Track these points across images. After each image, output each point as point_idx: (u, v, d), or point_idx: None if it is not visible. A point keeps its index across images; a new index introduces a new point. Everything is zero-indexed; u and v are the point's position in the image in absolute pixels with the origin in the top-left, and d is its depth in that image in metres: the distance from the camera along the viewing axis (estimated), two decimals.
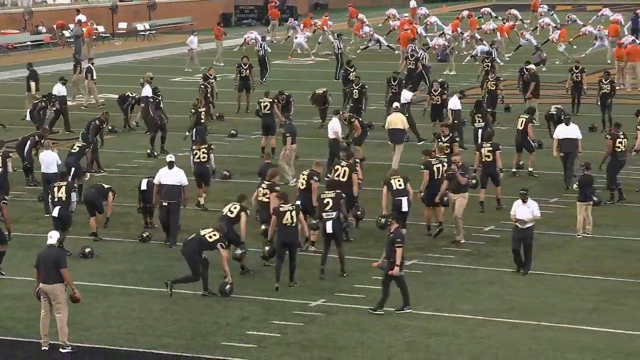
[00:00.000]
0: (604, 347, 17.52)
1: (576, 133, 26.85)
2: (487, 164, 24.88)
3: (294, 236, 20.32)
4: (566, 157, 26.83)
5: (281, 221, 20.17)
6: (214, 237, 19.71)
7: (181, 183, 23.07)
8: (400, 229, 19.36)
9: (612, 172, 25.89)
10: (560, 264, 21.61)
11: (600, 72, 41.50)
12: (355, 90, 33.83)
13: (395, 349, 17.53)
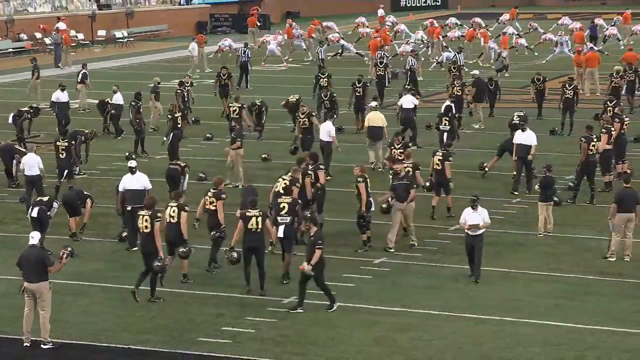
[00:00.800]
0: (564, 341, 17.61)
1: (530, 139, 26.63)
2: (437, 171, 24.46)
3: (259, 241, 19.78)
4: (521, 163, 26.60)
5: (247, 226, 19.73)
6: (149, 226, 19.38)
7: (145, 188, 22.77)
8: (319, 232, 19.23)
9: (581, 173, 25.94)
10: (522, 262, 21.69)
11: (561, 78, 41.86)
12: (326, 101, 33.82)
13: (364, 344, 17.55)
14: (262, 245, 19.87)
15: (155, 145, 30.96)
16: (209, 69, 49.19)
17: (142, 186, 22.73)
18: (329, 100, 33.70)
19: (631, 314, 18.81)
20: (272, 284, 20.28)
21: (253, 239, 19.73)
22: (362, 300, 19.59)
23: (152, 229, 19.32)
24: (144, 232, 19.48)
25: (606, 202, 24.38)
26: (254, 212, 19.80)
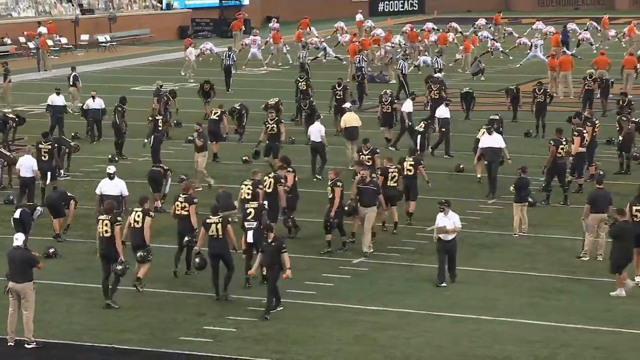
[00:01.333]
0: (539, 339, 17.66)
1: (498, 142, 26.53)
2: (407, 177, 24.20)
3: (222, 247, 19.44)
4: (490, 166, 26.50)
5: (208, 233, 19.48)
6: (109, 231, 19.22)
7: (122, 194, 22.58)
8: (279, 237, 19.07)
9: (551, 175, 26.02)
10: (498, 262, 21.73)
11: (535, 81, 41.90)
12: (306, 110, 33.79)
13: (344, 343, 17.56)
14: (226, 250, 19.50)
15: (137, 147, 30.87)
16: (192, 73, 49.05)
17: (119, 192, 22.55)
18: (308, 108, 33.69)
19: (603, 312, 18.88)
20: (252, 283, 20.25)
21: (215, 245, 19.45)
22: (341, 300, 19.59)
23: (113, 233, 19.08)
24: (105, 237, 19.19)
25: (579, 203, 24.48)
26: (214, 219, 19.47)
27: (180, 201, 21.02)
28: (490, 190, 26.46)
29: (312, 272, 21.13)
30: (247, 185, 22.22)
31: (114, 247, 19.12)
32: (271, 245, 18.67)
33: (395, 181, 23.58)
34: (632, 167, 28.83)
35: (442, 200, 20.74)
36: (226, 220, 19.67)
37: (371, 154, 25.18)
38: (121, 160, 31.39)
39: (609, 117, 35.52)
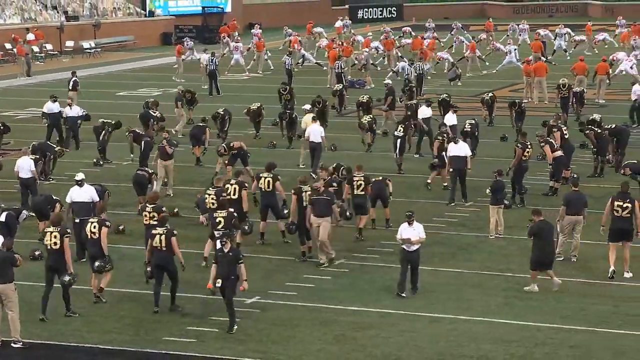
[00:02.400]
0: (514, 338, 17.69)
1: (465, 150, 26.29)
2: (377, 182, 24.12)
3: (166, 259, 18.76)
4: (455, 174, 26.19)
5: (152, 244, 18.84)
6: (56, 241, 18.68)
7: (92, 200, 22.01)
8: (235, 247, 18.42)
9: (519, 177, 26.12)
10: (475, 262, 21.76)
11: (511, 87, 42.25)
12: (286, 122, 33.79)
13: (324, 342, 17.55)
14: (169, 263, 18.83)
15: (122, 151, 30.80)
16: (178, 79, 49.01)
17: (89, 198, 22.06)
18: (288, 122, 33.61)
19: (577, 312, 18.93)
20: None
21: (159, 257, 18.80)
22: (321, 300, 19.59)
23: (62, 245, 18.44)
24: (53, 249, 18.44)
25: (553, 205, 24.57)
26: (159, 230, 18.86)
27: (148, 211, 20.69)
28: (462, 197, 26.23)
29: (293, 273, 21.12)
30: (211, 194, 21.90)
31: (62, 258, 18.49)
32: (228, 255, 17.89)
33: (363, 190, 23.15)
34: (605, 171, 28.91)
35: (408, 212, 20.20)
36: (171, 232, 18.85)
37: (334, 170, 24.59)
38: (105, 164, 31.38)
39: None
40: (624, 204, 20.66)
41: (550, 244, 20.07)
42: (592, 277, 20.85)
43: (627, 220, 20.64)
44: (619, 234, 20.67)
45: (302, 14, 72.53)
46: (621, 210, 20.64)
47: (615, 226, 20.68)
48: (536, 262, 19.91)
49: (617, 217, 20.65)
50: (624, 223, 20.65)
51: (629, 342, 17.47)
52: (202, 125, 31.35)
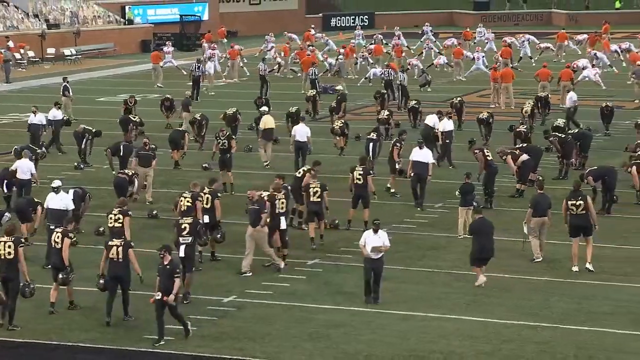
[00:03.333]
0: (482, 334, 17.77)
1: (427, 157, 26.15)
2: (358, 186, 24.09)
3: (121, 270, 18.26)
4: (417, 179, 26.02)
5: (109, 255, 18.35)
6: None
7: (67, 207, 21.74)
8: (174, 260, 17.81)
9: (491, 180, 26.23)
10: (444, 262, 21.83)
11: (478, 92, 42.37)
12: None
13: (299, 339, 17.57)
14: (125, 274, 18.33)
15: (103, 155, 30.70)
16: (161, 85, 48.93)
17: (64, 206, 21.78)
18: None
19: (542, 309, 19.04)
20: (211, 285, 20.22)
21: (114, 267, 18.29)
22: (296, 299, 19.61)
23: (16, 255, 17.98)
24: (7, 259, 17.94)
25: (518, 207, 24.73)
26: (116, 242, 18.46)
27: (114, 213, 20.49)
28: (419, 203, 26.04)
29: (269, 273, 21.13)
30: (187, 197, 21.66)
31: (15, 269, 18.01)
32: (166, 269, 17.46)
33: (319, 196, 22.73)
34: (569, 173, 29.06)
35: (375, 221, 19.53)
36: (128, 244, 18.43)
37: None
38: (86, 167, 31.31)
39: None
40: (577, 201, 21.13)
41: (489, 241, 20.28)
42: (556, 275, 20.97)
43: (583, 216, 21.08)
44: (577, 229, 21.11)
45: (278, 22, 72.55)
46: (576, 208, 21.10)
47: (574, 223, 21.14)
48: (475, 258, 20.26)
49: (573, 215, 21.14)
50: (581, 220, 21.09)
51: (591, 338, 17.59)
52: (181, 130, 31.37)
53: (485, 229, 20.35)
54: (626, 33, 63.61)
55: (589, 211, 21.13)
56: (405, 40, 58.66)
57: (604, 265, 21.48)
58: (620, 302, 19.29)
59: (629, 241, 23.35)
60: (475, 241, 20.31)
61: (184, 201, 21.62)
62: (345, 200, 25.10)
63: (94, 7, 67.45)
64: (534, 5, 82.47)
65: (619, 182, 25.99)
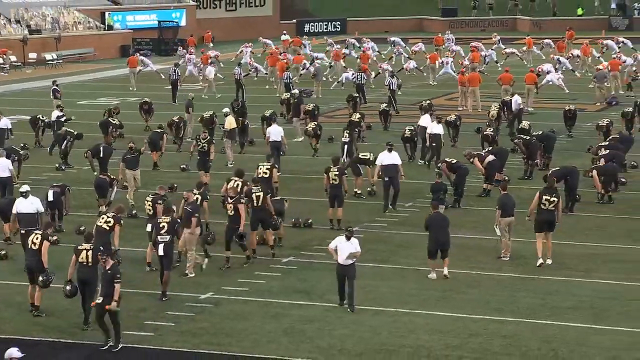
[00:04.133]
0: (450, 329, 17.81)
1: (396, 160, 25.96)
2: (334, 186, 24.08)
3: (90, 275, 17.77)
4: (390, 182, 25.75)
5: (78, 259, 17.82)
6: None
7: (37, 211, 21.26)
8: (116, 265, 17.20)
9: (462, 180, 26.30)
10: (414, 259, 21.83)
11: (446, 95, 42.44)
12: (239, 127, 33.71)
13: (274, 334, 17.55)
14: (93, 278, 17.84)
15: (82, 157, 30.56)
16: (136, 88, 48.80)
17: (34, 209, 21.29)
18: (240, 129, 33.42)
19: (508, 304, 19.10)
20: (188, 282, 20.17)
21: (84, 271, 17.81)
22: (272, 296, 19.59)
23: None
24: None
25: (485, 206, 24.81)
26: (85, 246, 17.91)
27: (107, 215, 20.26)
28: (392, 203, 25.86)
29: (245, 271, 21.10)
30: (148, 201, 21.57)
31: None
32: (107, 273, 17.00)
33: (262, 202, 21.94)
34: (534, 174, 29.18)
35: (348, 228, 19.13)
36: (97, 249, 17.90)
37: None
38: (68, 169, 31.19)
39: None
40: (551, 197, 21.40)
41: (443, 234, 20.45)
42: (522, 272, 21.04)
43: (551, 212, 21.42)
44: (544, 224, 21.36)
45: (253, 27, 72.44)
46: (548, 203, 21.39)
47: (541, 218, 21.40)
48: (429, 250, 20.53)
49: (543, 210, 21.41)
50: (549, 215, 21.41)
51: (554, 331, 17.67)
52: (160, 131, 31.22)
53: (440, 222, 20.56)
54: (588, 39, 63.89)
55: (558, 209, 21.45)
56: (376, 46, 58.78)
57: (567, 261, 21.60)
58: (582, 298, 19.39)
59: (590, 238, 23.49)
60: (430, 234, 20.51)
61: (146, 204, 21.54)
62: (318, 200, 25.11)
63: (75, 13, 67.11)
64: (499, 12, 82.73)
65: (580, 182, 26.13)
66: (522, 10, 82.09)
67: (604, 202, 26.51)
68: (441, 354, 16.67)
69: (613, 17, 78.06)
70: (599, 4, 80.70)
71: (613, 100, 42.52)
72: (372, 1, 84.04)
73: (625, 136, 31.16)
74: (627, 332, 17.61)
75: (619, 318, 18.28)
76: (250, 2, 78.81)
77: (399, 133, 32.05)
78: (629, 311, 18.67)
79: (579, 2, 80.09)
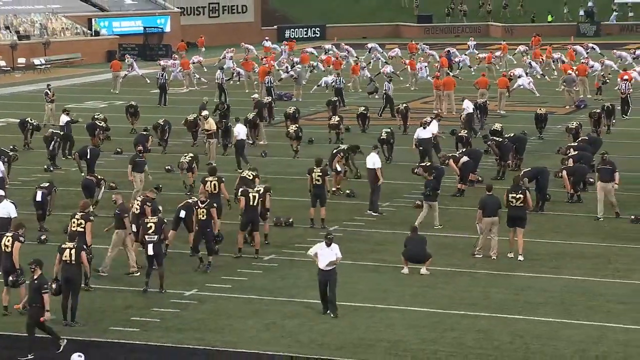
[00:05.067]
0: (426, 323, 17.83)
1: (377, 164, 25.44)
2: (317, 186, 24.07)
3: (74, 273, 17.65)
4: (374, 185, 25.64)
5: (62, 257, 17.69)
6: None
7: (9, 215, 20.63)
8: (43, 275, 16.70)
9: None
10: (392, 257, 21.82)
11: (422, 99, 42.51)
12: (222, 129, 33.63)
13: (256, 330, 17.54)
14: (77, 277, 17.74)
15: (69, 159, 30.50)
16: (117, 91, 48.66)
17: (7, 214, 20.71)
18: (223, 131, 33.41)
19: (482, 300, 19.15)
20: (173, 278, 20.14)
21: (67, 269, 17.65)
22: (254, 292, 19.57)
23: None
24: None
25: (459, 205, 24.86)
26: (69, 244, 17.83)
27: (77, 218, 19.83)
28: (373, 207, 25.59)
29: (228, 269, 21.05)
30: (138, 201, 21.35)
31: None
32: (34, 283, 16.57)
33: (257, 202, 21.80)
34: (506, 174, 29.25)
35: (328, 235, 18.57)
36: (80, 247, 17.85)
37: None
38: (56, 170, 31.07)
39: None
40: (517, 195, 21.74)
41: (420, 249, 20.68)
42: (495, 269, 21.10)
43: (520, 208, 21.70)
44: (512, 220, 21.68)
45: (235, 33, 72.42)
46: (515, 200, 21.71)
47: (511, 214, 21.73)
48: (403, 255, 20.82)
49: (512, 207, 21.75)
50: (517, 211, 21.68)
51: (526, 326, 17.72)
52: (146, 134, 31.15)
53: (417, 240, 20.81)
54: (557, 44, 64.20)
55: (527, 204, 21.82)
56: (354, 51, 58.87)
57: (538, 258, 21.67)
58: (553, 293, 19.45)
59: (559, 236, 23.58)
60: (408, 245, 20.71)
61: (135, 204, 21.37)
62: (299, 200, 25.10)
63: (62, 20, 66.87)
64: (472, 18, 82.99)
65: (550, 182, 26.23)
66: (494, 17, 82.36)
67: (573, 201, 26.62)
68: (417, 348, 16.69)
69: (581, 24, 78.42)
70: (568, 11, 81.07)
71: (582, 103, 42.73)
72: (351, 8, 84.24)
73: (594, 138, 31.30)
74: (595, 326, 17.69)
75: (587, 312, 18.37)
76: (232, 9, 78.85)
77: (377, 135, 32.06)
78: (596, 306, 18.76)
79: (549, 9, 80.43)
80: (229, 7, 78.59)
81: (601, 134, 33.93)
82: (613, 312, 18.36)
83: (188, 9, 76.35)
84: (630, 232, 23.77)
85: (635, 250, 22.39)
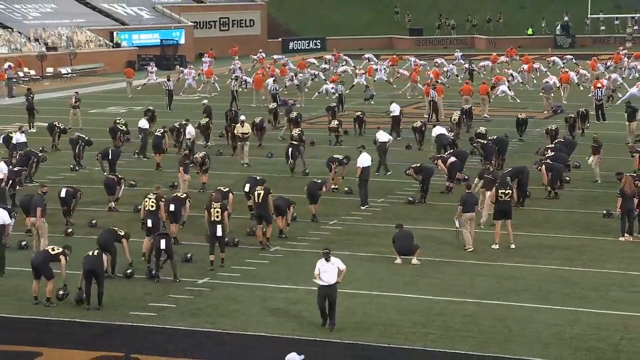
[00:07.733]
0: (418, 309, 17.82)
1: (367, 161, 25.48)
2: (312, 183, 24.19)
3: (96, 265, 17.70)
4: (366, 182, 25.57)
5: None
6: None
7: (3, 222, 20.07)
8: None
9: (427, 179, 26.32)
10: (385, 248, 21.78)
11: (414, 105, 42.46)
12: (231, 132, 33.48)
13: (262, 315, 17.53)
14: (100, 267, 17.82)
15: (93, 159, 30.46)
16: (130, 95, 48.62)
17: (0, 221, 20.11)
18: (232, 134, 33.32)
19: (469, 287, 19.14)
20: (188, 269, 20.12)
21: (89, 262, 17.77)
22: (260, 280, 19.56)
23: None
24: None
25: (447, 201, 24.83)
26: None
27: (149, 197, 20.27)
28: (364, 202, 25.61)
29: (237, 259, 21.04)
30: (151, 198, 21.06)
31: None
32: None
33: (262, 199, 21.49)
34: None
35: (324, 249, 17.21)
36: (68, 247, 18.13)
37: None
38: (81, 169, 31.07)
39: None
40: (506, 190, 21.87)
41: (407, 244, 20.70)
42: (480, 259, 21.08)
43: (507, 202, 21.88)
44: (502, 213, 21.78)
45: (244, 45, 72.43)
46: (504, 195, 21.82)
47: (499, 208, 21.82)
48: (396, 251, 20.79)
49: (500, 201, 21.85)
50: (505, 205, 21.84)
51: (507, 311, 17.71)
52: (161, 135, 31.07)
53: (404, 235, 20.79)
54: (537, 55, 64.16)
55: (513, 199, 22.24)
56: (352, 61, 58.87)
57: (519, 250, 21.66)
58: (531, 281, 19.44)
59: (538, 229, 23.57)
60: (396, 241, 20.72)
61: (148, 202, 21.07)
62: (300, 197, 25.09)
63: (87, 33, 66.98)
64: (460, 31, 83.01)
65: (530, 180, 26.21)
66: (479, 30, 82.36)
67: (550, 197, 26.60)
68: (409, 331, 16.68)
69: (558, 36, 78.44)
70: (545, 25, 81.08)
71: (558, 108, 42.70)
72: (348, 22, 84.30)
73: (569, 140, 31.27)
74: (569, 310, 17.69)
75: (563, 299, 18.36)
76: (241, 23, 78.93)
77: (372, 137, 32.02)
78: (571, 292, 18.76)
79: (529, 23, 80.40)
80: (238, 21, 78.77)
81: (576, 136, 33.91)
82: (586, 298, 18.36)
83: (201, 22, 76.49)
84: (602, 226, 23.77)
85: (607, 242, 22.39)
